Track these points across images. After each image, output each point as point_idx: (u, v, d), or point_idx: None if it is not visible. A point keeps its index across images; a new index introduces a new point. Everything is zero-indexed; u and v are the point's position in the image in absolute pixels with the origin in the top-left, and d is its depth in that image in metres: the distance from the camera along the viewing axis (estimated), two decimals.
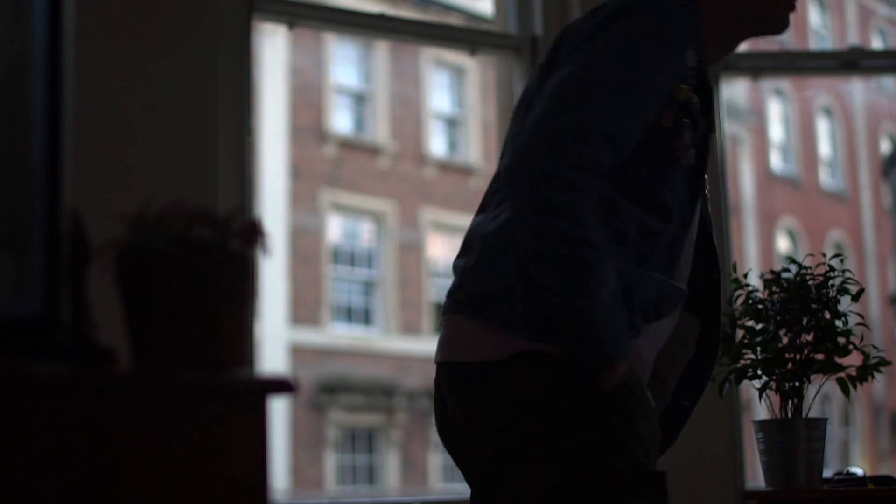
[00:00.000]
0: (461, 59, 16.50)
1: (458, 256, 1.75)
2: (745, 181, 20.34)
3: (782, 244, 21.16)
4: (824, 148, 22.65)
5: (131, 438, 0.91)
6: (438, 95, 17.40)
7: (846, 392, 2.26)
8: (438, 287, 15.66)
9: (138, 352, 1.01)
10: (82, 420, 0.88)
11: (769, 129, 21.61)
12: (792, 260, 2.32)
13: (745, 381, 2.31)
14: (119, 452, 0.90)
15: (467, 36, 3.77)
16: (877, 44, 22.79)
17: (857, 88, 22.53)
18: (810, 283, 2.27)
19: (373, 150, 16.48)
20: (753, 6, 1.79)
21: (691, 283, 1.80)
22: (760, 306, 2.30)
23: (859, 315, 2.28)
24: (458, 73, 17.38)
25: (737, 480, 3.30)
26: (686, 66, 1.66)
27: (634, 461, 1.61)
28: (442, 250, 16.50)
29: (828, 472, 2.37)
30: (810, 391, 2.28)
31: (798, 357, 2.25)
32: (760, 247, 20.41)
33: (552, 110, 1.59)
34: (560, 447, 1.60)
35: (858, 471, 2.43)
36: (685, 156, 1.68)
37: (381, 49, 16.57)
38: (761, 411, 2.33)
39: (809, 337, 2.26)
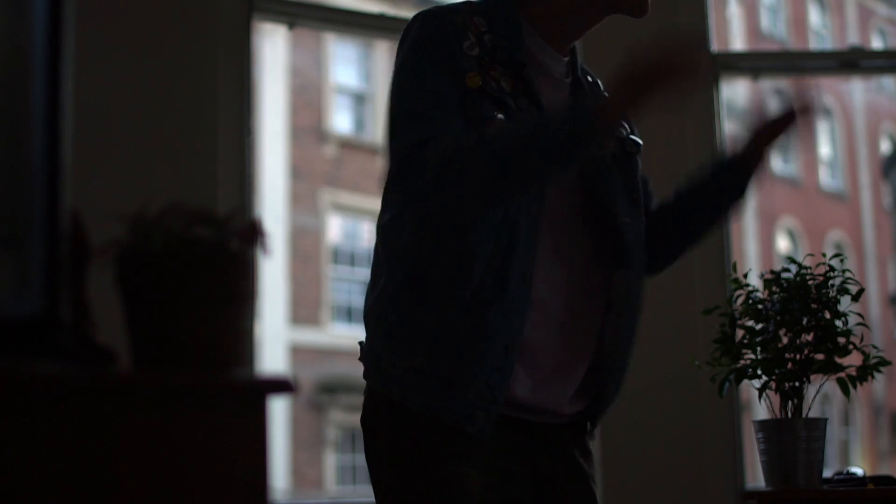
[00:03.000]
0: None
1: None
2: None
3: (782, 244, 21.15)
4: (824, 148, 22.65)
5: (131, 438, 0.91)
6: None
7: (846, 392, 2.26)
8: None
9: (138, 352, 1.01)
10: (82, 420, 0.88)
11: None
12: (792, 260, 2.32)
13: (745, 381, 2.31)
14: (119, 452, 0.90)
15: None
16: (877, 44, 22.79)
17: (857, 88, 22.53)
18: (810, 283, 2.27)
19: (373, 150, 16.47)
20: None
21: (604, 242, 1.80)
22: (760, 306, 2.30)
23: (859, 315, 2.28)
24: None
25: (737, 480, 3.31)
26: (467, 55, 1.70)
27: None
28: None
29: (828, 472, 2.37)
30: (810, 391, 2.28)
31: (798, 357, 2.25)
32: (760, 247, 20.41)
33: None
34: (375, 477, 1.79)
35: (858, 471, 2.43)
36: None
37: (381, 49, 16.57)
38: (761, 411, 2.33)
39: (809, 337, 2.25)
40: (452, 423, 1.66)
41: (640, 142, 1.93)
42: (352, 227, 16.27)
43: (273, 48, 15.13)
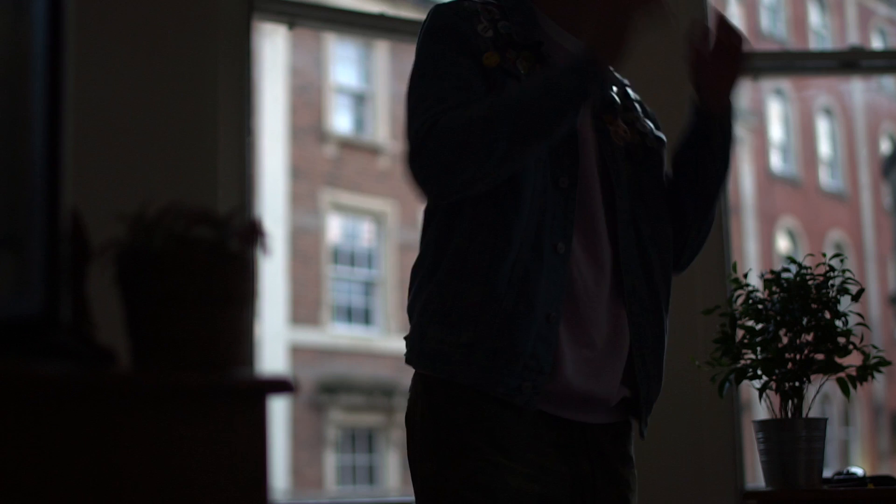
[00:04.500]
0: None
1: None
2: (745, 181, 20.35)
3: (782, 244, 21.16)
4: (824, 148, 22.65)
5: (131, 438, 0.91)
6: None
7: (846, 392, 2.26)
8: None
9: (138, 352, 1.01)
10: (82, 420, 0.88)
11: (769, 129, 21.61)
12: (792, 260, 2.32)
13: (745, 381, 2.31)
14: (119, 452, 0.90)
15: None
16: (877, 44, 22.79)
17: (857, 88, 22.53)
18: (810, 283, 2.27)
19: (373, 150, 16.47)
20: None
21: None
22: (760, 306, 2.30)
23: (859, 315, 2.28)
24: None
25: (737, 480, 3.31)
26: (482, 37, 1.74)
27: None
28: None
29: (828, 472, 2.37)
30: (810, 391, 2.28)
31: (798, 357, 2.25)
32: (760, 247, 20.41)
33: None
34: (414, 472, 1.78)
35: (858, 471, 2.43)
36: None
37: (381, 49, 16.57)
38: (761, 411, 2.33)
39: (809, 337, 2.25)
40: (501, 395, 1.69)
41: (664, 138, 1.93)
42: (352, 227, 16.27)
43: (273, 48, 15.13)
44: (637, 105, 1.94)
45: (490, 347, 1.69)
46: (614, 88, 1.89)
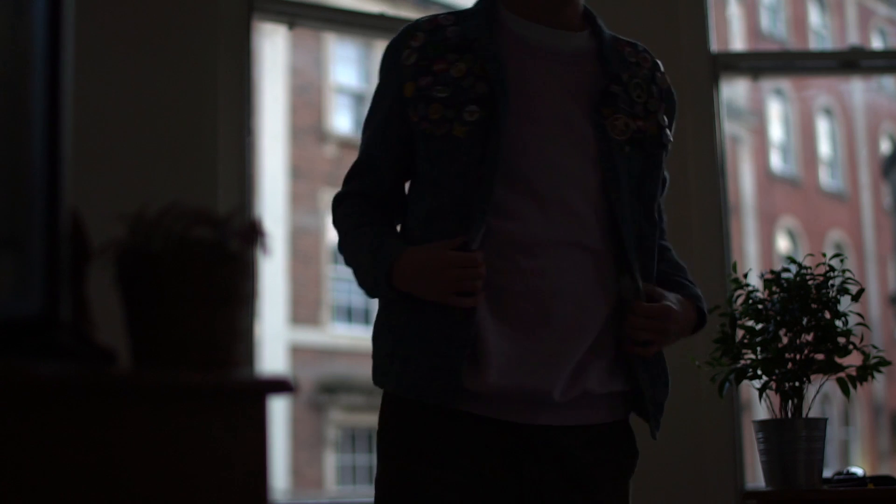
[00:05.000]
0: None
1: None
2: (745, 181, 20.34)
3: (782, 244, 21.15)
4: (824, 148, 22.65)
5: (131, 438, 0.91)
6: None
7: (846, 392, 2.26)
8: None
9: (138, 352, 1.01)
10: (82, 420, 0.88)
11: (769, 129, 21.61)
12: (792, 260, 2.32)
13: (745, 381, 2.31)
14: (119, 452, 0.90)
15: None
16: (877, 44, 22.79)
17: (857, 88, 22.52)
18: (810, 283, 2.27)
19: None
20: None
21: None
22: (760, 306, 2.30)
23: (859, 315, 2.28)
24: None
25: (737, 480, 3.31)
26: (404, 66, 1.81)
27: None
28: None
29: (828, 472, 2.37)
30: (810, 391, 2.28)
31: (798, 357, 2.25)
32: (760, 247, 20.41)
33: None
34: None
35: (858, 471, 2.43)
36: (447, 128, 1.75)
37: (381, 49, 16.48)
38: (761, 411, 2.33)
39: (809, 337, 2.26)
40: (416, 397, 1.72)
41: (671, 139, 1.89)
42: None
43: (273, 48, 15.12)
44: (652, 98, 1.87)
45: (404, 353, 1.74)
46: (622, 78, 1.83)
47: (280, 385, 1.00)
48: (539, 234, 1.73)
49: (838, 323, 2.25)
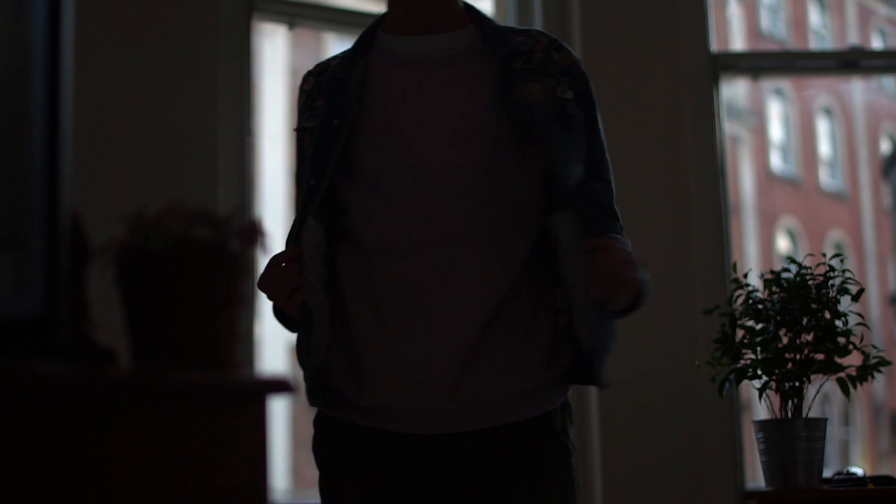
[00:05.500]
0: None
1: None
2: (745, 181, 20.34)
3: (782, 244, 21.16)
4: (824, 148, 22.65)
5: (131, 438, 0.91)
6: None
7: (846, 392, 2.26)
8: None
9: (138, 352, 1.01)
10: (82, 420, 0.88)
11: (769, 129, 21.61)
12: (792, 260, 2.32)
13: (745, 381, 2.31)
14: (119, 452, 0.90)
15: None
16: (877, 44, 22.79)
17: (857, 88, 22.53)
18: (810, 283, 2.27)
19: None
20: None
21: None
22: (760, 306, 2.30)
23: (859, 315, 2.28)
24: None
25: (737, 480, 3.31)
26: (299, 109, 1.89)
27: None
28: None
29: (828, 472, 2.37)
30: (810, 391, 2.28)
31: (798, 357, 2.25)
32: (760, 247, 20.41)
33: None
34: None
35: (858, 471, 2.43)
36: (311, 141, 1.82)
37: None
38: (761, 411, 2.33)
39: (809, 337, 2.26)
40: (315, 406, 1.80)
41: (577, 114, 1.80)
42: None
43: (273, 48, 15.13)
44: (549, 77, 1.80)
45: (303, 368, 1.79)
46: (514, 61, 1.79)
47: (280, 385, 1.00)
48: (405, 235, 1.70)
49: (838, 323, 2.25)
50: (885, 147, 23.38)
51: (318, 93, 1.86)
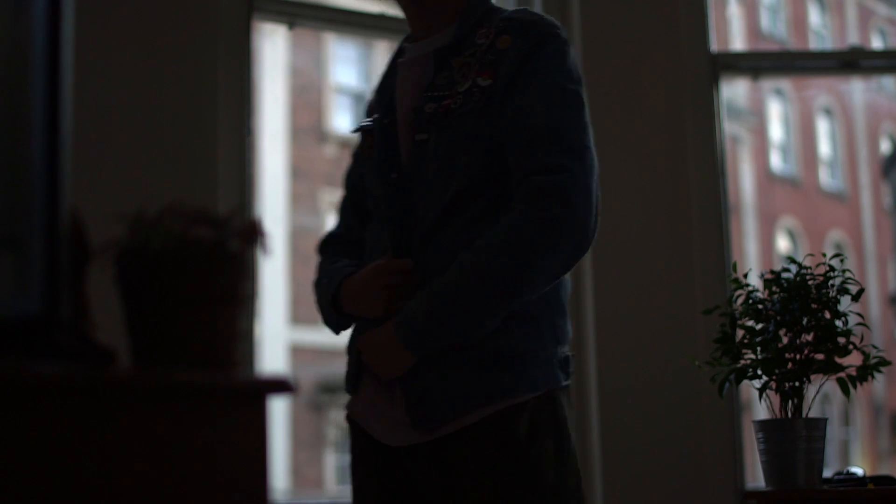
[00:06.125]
0: None
1: None
2: (745, 181, 20.33)
3: (782, 244, 21.15)
4: (824, 148, 22.64)
5: (131, 438, 0.91)
6: None
7: (846, 392, 2.26)
8: None
9: (138, 352, 1.01)
10: (82, 420, 0.88)
11: (769, 129, 21.61)
12: (792, 260, 2.32)
13: (745, 381, 2.31)
14: (119, 452, 0.90)
15: None
16: (877, 44, 22.78)
17: (857, 88, 22.52)
18: (810, 283, 2.27)
19: None
20: None
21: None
22: (760, 306, 2.30)
23: (859, 315, 2.28)
24: None
25: (737, 480, 3.31)
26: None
27: None
28: None
29: (828, 472, 2.37)
30: (810, 391, 2.28)
31: (798, 357, 2.25)
32: (760, 247, 20.40)
33: None
34: None
35: (858, 471, 2.43)
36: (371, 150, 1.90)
37: (381, 49, 16.55)
38: (761, 411, 2.33)
39: (809, 337, 2.26)
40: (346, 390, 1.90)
41: (475, 107, 1.77)
42: None
43: (273, 48, 15.12)
44: (485, 68, 1.78)
45: None
46: (449, 63, 1.82)
47: (280, 385, 1.00)
48: (370, 247, 1.88)
49: (838, 323, 2.25)
50: (885, 147, 23.37)
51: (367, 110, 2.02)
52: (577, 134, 1.72)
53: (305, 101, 15.82)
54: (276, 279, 14.44)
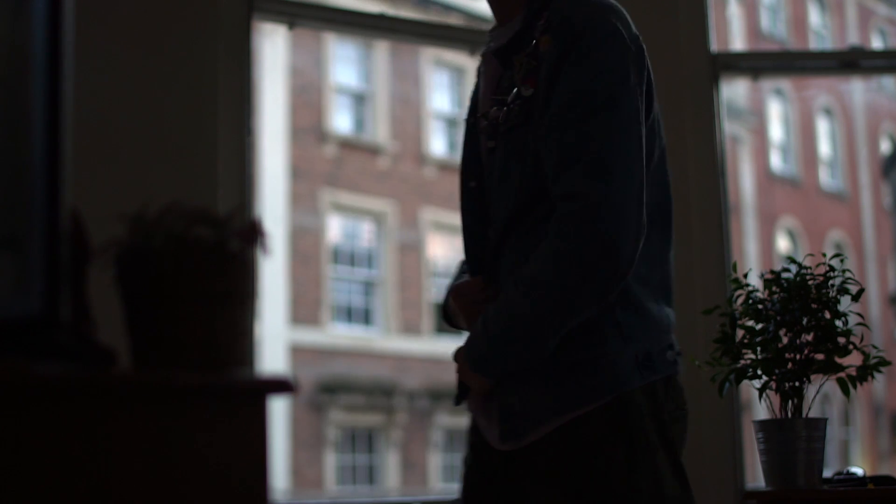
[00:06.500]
0: (461, 59, 16.49)
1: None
2: (745, 181, 20.34)
3: (782, 244, 21.16)
4: (824, 148, 22.65)
5: (131, 438, 0.91)
6: (438, 95, 17.40)
7: (846, 392, 2.25)
8: (438, 287, 15.66)
9: (138, 352, 1.01)
10: (82, 420, 0.88)
11: (769, 129, 21.61)
12: (792, 260, 2.32)
13: (745, 381, 2.31)
14: (119, 452, 0.90)
15: (467, 36, 3.76)
16: (877, 44, 22.79)
17: (857, 88, 22.53)
18: (810, 283, 2.27)
19: (373, 150, 16.47)
20: None
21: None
22: (760, 306, 2.30)
23: (859, 315, 2.28)
24: (458, 73, 17.38)
25: (737, 480, 3.31)
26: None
27: None
28: (442, 250, 16.50)
29: (828, 472, 2.37)
30: (810, 391, 2.28)
31: (798, 357, 2.25)
32: (760, 247, 20.41)
33: None
34: None
35: (858, 471, 2.42)
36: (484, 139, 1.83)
37: (381, 49, 16.57)
38: (761, 411, 2.33)
39: (809, 337, 2.25)
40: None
41: (517, 121, 1.74)
42: (352, 227, 16.27)
43: (273, 48, 15.13)
44: (529, 74, 1.73)
45: None
46: (512, 62, 1.77)
47: (280, 385, 1.00)
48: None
49: (838, 323, 2.25)
50: (885, 147, 23.38)
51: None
52: (603, 148, 1.64)
53: (305, 101, 15.82)
54: (275, 279, 14.44)
